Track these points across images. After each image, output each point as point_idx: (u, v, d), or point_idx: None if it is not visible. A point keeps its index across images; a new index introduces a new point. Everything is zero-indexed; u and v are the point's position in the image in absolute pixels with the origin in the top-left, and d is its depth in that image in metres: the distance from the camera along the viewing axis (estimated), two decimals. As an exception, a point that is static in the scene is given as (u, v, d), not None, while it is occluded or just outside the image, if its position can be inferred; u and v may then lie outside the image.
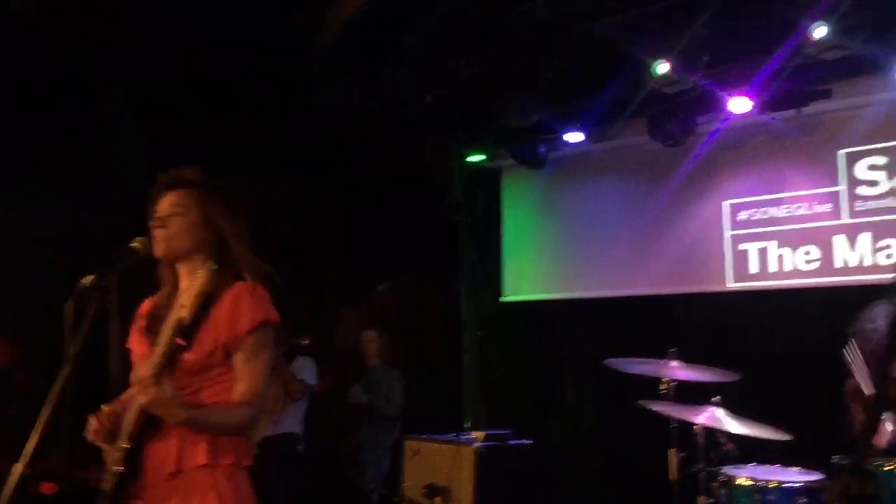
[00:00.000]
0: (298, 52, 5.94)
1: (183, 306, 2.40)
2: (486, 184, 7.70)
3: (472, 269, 7.65)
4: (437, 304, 7.46)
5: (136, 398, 2.35)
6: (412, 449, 5.68)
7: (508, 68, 5.88)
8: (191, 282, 2.49)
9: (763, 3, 4.80)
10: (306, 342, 6.43)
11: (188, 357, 2.35)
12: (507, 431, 5.66)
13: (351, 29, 5.44)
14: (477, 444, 5.31)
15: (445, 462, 5.39)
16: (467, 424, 5.74)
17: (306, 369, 6.24)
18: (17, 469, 2.24)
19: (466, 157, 7.47)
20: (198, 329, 2.37)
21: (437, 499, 5.34)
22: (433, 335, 7.26)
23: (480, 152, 7.45)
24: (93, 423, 2.42)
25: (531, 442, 5.62)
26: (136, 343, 2.55)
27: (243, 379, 2.41)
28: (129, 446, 2.36)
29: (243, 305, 2.42)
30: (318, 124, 6.47)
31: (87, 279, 2.39)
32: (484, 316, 7.58)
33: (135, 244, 2.52)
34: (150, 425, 2.36)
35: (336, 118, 6.47)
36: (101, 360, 2.46)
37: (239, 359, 2.42)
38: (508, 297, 7.56)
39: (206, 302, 2.40)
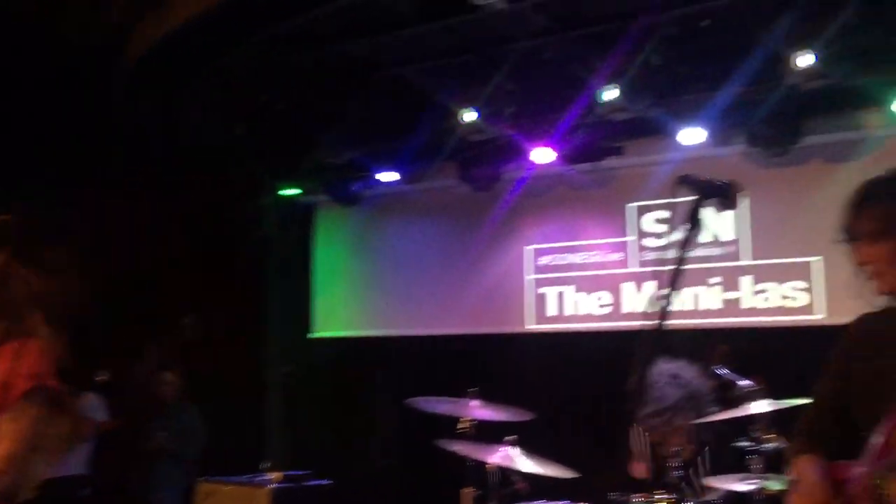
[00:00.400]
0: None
1: None
2: (300, 218, 7.63)
3: (281, 303, 7.52)
4: (244, 338, 7.25)
5: None
6: (205, 491, 5.47)
7: (321, 105, 5.88)
8: None
9: (560, 64, 5.11)
10: (103, 378, 6.12)
11: None
12: (306, 472, 5.56)
13: (155, 52, 5.27)
14: (272, 486, 5.19)
15: (239, 505, 5.23)
16: (265, 465, 5.59)
17: (95, 406, 5.93)
18: None
19: (280, 190, 7.37)
20: None
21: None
22: (238, 371, 7.04)
23: (294, 186, 7.37)
24: None
25: (330, 482, 5.55)
26: None
27: (1, 441, 2.20)
28: None
29: (22, 367, 2.23)
30: (122, 145, 6.23)
31: None
32: (291, 351, 7.46)
33: None
34: None
35: (140, 141, 6.24)
36: None
37: (2, 420, 2.21)
38: (318, 332, 7.49)
39: None
